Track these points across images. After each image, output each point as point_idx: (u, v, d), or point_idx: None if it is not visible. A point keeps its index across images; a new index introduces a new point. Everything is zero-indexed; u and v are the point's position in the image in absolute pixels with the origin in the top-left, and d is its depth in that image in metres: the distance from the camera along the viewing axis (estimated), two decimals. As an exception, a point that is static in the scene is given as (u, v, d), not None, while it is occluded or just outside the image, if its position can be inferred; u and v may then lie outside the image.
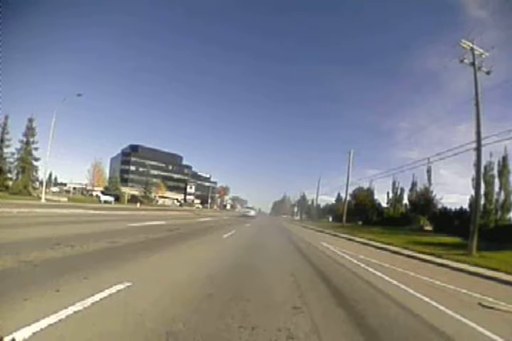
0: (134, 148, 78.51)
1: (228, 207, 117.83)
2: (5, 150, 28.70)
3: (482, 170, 14.63)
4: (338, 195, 53.56)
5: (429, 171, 28.49)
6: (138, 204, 40.77)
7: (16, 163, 29.48)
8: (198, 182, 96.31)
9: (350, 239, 16.72)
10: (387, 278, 5.54)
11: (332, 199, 61.24)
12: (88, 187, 54.94)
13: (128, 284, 3.09)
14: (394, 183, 34.35)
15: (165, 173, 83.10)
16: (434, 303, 3.92)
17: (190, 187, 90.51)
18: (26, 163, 29.56)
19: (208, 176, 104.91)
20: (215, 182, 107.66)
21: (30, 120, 29.99)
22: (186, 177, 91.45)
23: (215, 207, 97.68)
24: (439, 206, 27.68)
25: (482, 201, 18.14)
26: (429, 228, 26.47)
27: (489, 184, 20.40)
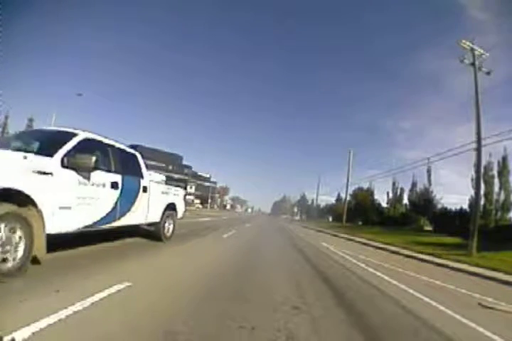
0: (133, 148, 78.05)
1: (228, 207, 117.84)
2: (4, 150, 28.41)
3: (482, 170, 14.61)
4: (338, 195, 53.52)
5: (429, 171, 28.53)
6: (138, 204, 40.47)
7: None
8: (198, 182, 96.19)
9: (350, 239, 16.72)
10: (387, 278, 5.54)
11: (332, 199, 61.20)
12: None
13: (128, 284, 3.09)
14: (394, 183, 34.40)
15: (165, 173, 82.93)
16: (434, 303, 3.92)
17: (190, 187, 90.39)
18: (25, 163, 29.31)
19: (208, 176, 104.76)
20: (215, 182, 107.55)
21: (31, 120, 29.90)
22: (186, 177, 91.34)
23: (215, 207, 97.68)
24: (439, 206, 27.67)
25: (482, 201, 18.13)
26: (429, 228, 26.48)
27: (489, 184, 20.41)
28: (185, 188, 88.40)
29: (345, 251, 9.87)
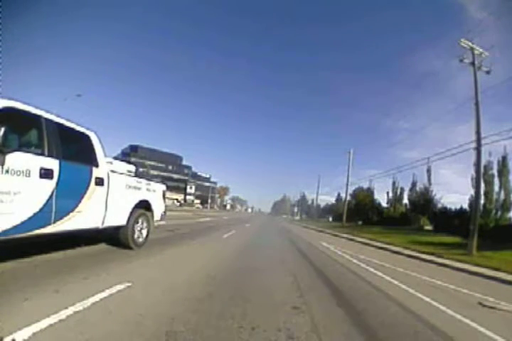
0: (133, 149, 78.37)
1: (228, 207, 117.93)
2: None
3: (482, 169, 14.61)
4: (338, 194, 53.57)
5: (428, 171, 28.48)
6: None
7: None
8: (198, 182, 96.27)
9: (350, 239, 16.71)
10: (387, 277, 5.53)
11: (332, 199, 61.30)
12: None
13: (128, 284, 3.09)
14: (394, 183, 34.32)
15: (165, 173, 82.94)
16: (435, 303, 3.91)
17: (190, 188, 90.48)
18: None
19: (207, 176, 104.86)
20: (215, 182, 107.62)
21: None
22: (186, 178, 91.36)
23: (215, 207, 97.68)
24: (439, 206, 27.61)
25: (482, 200, 18.09)
26: (429, 228, 26.45)
27: (489, 183, 20.35)
28: (185, 188, 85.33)
29: (345, 251, 9.87)
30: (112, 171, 4.65)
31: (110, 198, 4.38)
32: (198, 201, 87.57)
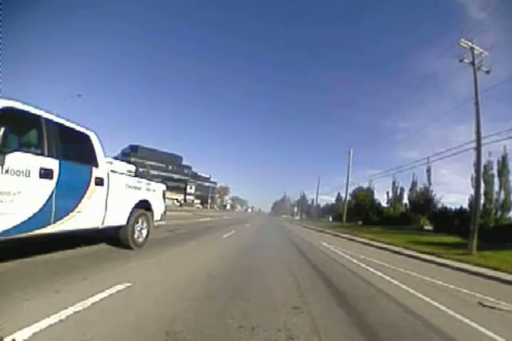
0: (133, 149, 78.37)
1: (228, 207, 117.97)
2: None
3: (482, 169, 14.60)
4: (338, 194, 53.60)
5: (428, 171, 28.50)
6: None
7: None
8: (198, 182, 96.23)
9: (350, 239, 16.72)
10: (387, 278, 5.53)
11: (332, 199, 61.33)
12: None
13: (128, 284, 3.09)
14: (394, 183, 34.36)
15: (165, 173, 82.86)
16: (435, 303, 3.91)
17: (190, 188, 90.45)
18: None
19: (207, 176, 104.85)
20: (215, 182, 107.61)
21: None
22: (186, 178, 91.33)
23: (215, 207, 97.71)
24: (439, 205, 27.67)
25: (482, 200, 18.08)
26: (429, 228, 26.45)
27: (489, 183, 20.36)
28: (185, 188, 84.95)
29: (346, 251, 9.87)
30: (112, 171, 4.64)
31: (110, 198, 4.37)
32: (198, 201, 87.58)
